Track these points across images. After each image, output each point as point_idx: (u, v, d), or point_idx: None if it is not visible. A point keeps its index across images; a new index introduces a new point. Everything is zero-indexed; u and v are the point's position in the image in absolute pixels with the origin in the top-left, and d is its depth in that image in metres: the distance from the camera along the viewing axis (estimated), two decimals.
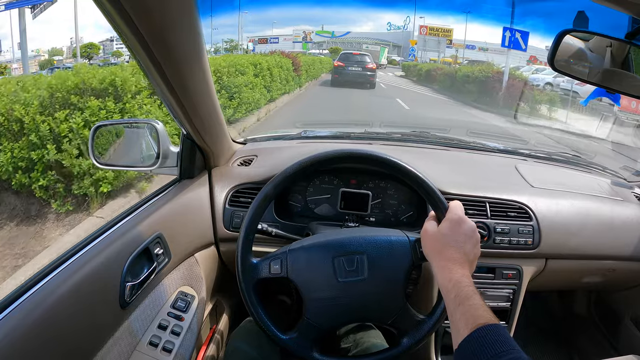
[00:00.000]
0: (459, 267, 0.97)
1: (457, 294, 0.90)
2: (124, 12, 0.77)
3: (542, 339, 2.24)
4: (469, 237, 1.03)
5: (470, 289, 0.90)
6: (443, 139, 2.06)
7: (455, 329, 0.86)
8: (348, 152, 1.22)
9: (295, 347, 1.13)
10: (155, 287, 1.28)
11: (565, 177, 1.79)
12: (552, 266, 1.55)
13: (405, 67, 26.11)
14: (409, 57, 28.12)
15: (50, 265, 1.01)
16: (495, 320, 0.81)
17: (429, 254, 1.05)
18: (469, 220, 1.05)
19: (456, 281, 0.93)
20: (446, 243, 1.01)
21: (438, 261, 1.01)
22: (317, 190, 1.60)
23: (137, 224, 1.23)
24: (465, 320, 0.83)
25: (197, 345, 1.45)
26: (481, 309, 0.84)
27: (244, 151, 1.74)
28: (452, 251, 1.00)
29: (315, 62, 19.57)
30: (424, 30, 26.74)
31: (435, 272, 1.00)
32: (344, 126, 2.41)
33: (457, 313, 0.87)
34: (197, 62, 1.06)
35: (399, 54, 29.67)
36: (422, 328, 1.14)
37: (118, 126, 1.61)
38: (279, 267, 1.14)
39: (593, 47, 1.26)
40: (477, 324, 0.80)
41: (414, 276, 1.34)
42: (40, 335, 0.88)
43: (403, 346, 1.15)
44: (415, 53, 27.91)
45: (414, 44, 28.24)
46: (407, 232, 1.18)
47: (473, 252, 1.03)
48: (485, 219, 1.48)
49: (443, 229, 1.04)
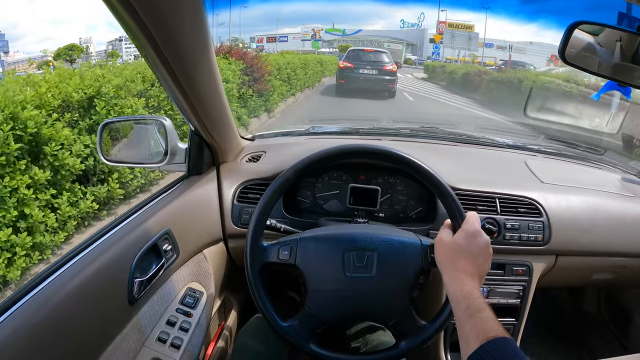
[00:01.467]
0: (470, 279, 0.96)
1: (469, 306, 0.89)
2: (131, 8, 0.77)
3: (551, 337, 2.22)
4: (482, 251, 1.02)
5: (481, 301, 0.89)
6: (452, 134, 2.05)
7: (465, 341, 0.85)
8: (371, 148, 1.21)
9: (292, 336, 1.13)
10: (164, 283, 1.28)
11: (575, 172, 1.78)
12: (562, 263, 1.54)
13: (429, 68, 21.90)
14: (432, 56, 25.32)
15: (59, 262, 1.02)
16: (505, 334, 0.80)
17: (441, 263, 1.04)
18: (485, 234, 1.04)
19: (467, 292, 0.92)
20: (460, 254, 1.01)
21: (450, 271, 1.00)
22: (325, 186, 1.59)
23: (145, 220, 1.24)
24: (476, 333, 0.82)
25: (206, 342, 1.46)
26: (492, 322, 0.84)
27: (252, 147, 1.75)
28: (465, 263, 0.99)
29: (310, 63, 14.17)
30: (443, 26, 24.75)
31: (447, 282, 1.00)
32: (352, 122, 2.40)
33: (467, 325, 0.86)
34: (205, 58, 1.06)
35: (413, 53, 27.48)
36: (422, 334, 1.13)
37: (125, 123, 1.61)
38: (288, 254, 1.14)
39: (602, 41, 1.26)
40: (487, 336, 0.79)
41: (421, 281, 1.33)
42: (49, 330, 0.89)
43: (400, 349, 1.14)
44: (439, 51, 25.05)
45: (438, 40, 25.25)
46: (420, 236, 1.17)
47: (484, 266, 1.02)
48: (495, 215, 1.47)
49: (458, 239, 1.04)
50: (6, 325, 0.83)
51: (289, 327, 1.13)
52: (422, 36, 27.48)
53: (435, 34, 25.61)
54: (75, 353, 0.95)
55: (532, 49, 22.14)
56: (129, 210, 1.30)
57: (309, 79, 13.68)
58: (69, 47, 22.98)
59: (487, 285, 1.51)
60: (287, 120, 9.99)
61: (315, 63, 14.85)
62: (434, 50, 25.30)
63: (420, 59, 25.82)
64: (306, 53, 20.23)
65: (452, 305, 0.95)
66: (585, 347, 2.15)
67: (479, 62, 22.77)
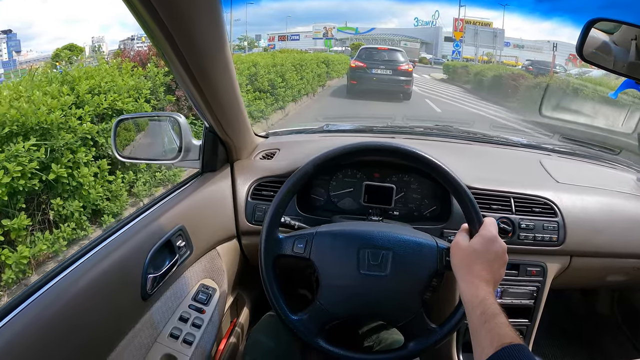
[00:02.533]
0: (485, 285, 0.96)
1: (484, 311, 0.89)
2: (148, 4, 0.77)
3: (563, 338, 2.20)
4: (498, 257, 1.01)
5: (496, 307, 0.89)
6: (466, 132, 2.04)
7: (479, 346, 0.85)
8: (393, 147, 1.20)
9: (301, 330, 1.13)
10: (177, 279, 1.29)
11: (590, 172, 1.77)
12: (577, 264, 1.52)
13: (449, 68, 20.14)
14: (452, 55, 23.99)
15: (72, 257, 1.03)
16: (520, 341, 0.80)
17: (456, 267, 1.04)
18: (501, 240, 1.04)
19: (482, 298, 0.92)
20: (476, 259, 1.00)
21: (466, 276, 1.00)
22: (340, 183, 1.59)
23: (159, 216, 1.24)
24: (490, 339, 0.82)
25: (218, 338, 1.46)
26: (507, 328, 0.83)
27: (266, 144, 1.75)
28: (481, 268, 0.99)
29: (309, 63, 11.95)
30: (459, 23, 23.40)
31: (461, 287, 0.99)
32: (367, 120, 2.40)
33: (482, 330, 0.86)
34: (220, 54, 1.06)
35: (428, 52, 26.13)
36: (431, 337, 1.12)
37: (140, 119, 1.62)
38: (303, 247, 1.14)
39: (618, 40, 1.25)
40: (502, 343, 0.79)
41: (434, 283, 1.33)
42: (62, 324, 0.90)
43: (408, 350, 1.14)
44: (460, 50, 23.43)
45: (459, 38, 23.48)
46: (436, 238, 1.16)
47: (499, 273, 1.01)
48: (509, 215, 1.46)
49: (475, 244, 1.03)
50: (20, 319, 0.84)
51: (298, 320, 1.13)
52: (436, 34, 26.42)
53: (455, 31, 24.13)
54: (88, 347, 0.96)
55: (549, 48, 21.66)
56: (143, 206, 1.31)
57: (307, 84, 11.38)
58: (68, 47, 20.80)
59: (501, 285, 1.49)
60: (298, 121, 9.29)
61: (317, 63, 12.79)
62: (454, 48, 24.10)
63: (436, 58, 24.75)
64: (318, 52, 19.86)
65: (467, 310, 0.95)
66: (598, 349, 2.13)
67: (493, 62, 21.76)
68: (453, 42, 24.14)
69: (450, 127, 2.09)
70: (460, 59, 23.13)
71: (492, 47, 22.28)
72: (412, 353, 1.14)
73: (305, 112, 10.18)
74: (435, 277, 1.14)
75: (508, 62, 21.91)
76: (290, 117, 9.46)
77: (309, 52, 18.55)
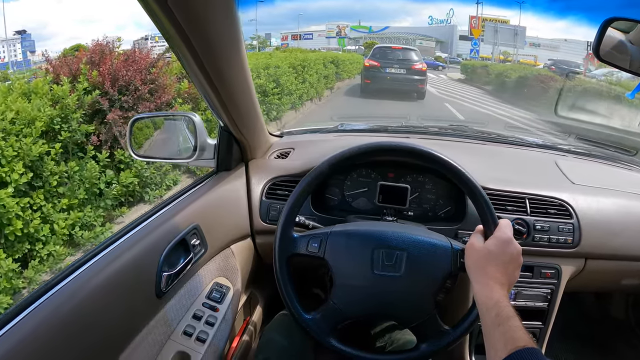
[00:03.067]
0: (499, 287, 0.95)
1: (498, 314, 0.88)
2: (164, 4, 0.78)
3: (576, 341, 2.17)
4: (513, 259, 1.01)
5: (510, 310, 0.88)
6: (481, 132, 2.03)
7: (492, 349, 0.85)
8: (409, 147, 1.19)
9: (314, 329, 1.13)
10: (191, 277, 1.30)
11: (606, 174, 1.75)
12: (592, 266, 1.50)
13: (467, 68, 19.00)
14: (470, 54, 22.82)
15: (88, 254, 1.04)
16: (534, 344, 0.80)
17: (471, 268, 1.03)
18: (516, 242, 1.03)
19: (497, 300, 0.92)
20: (491, 261, 1.00)
21: (480, 277, 0.99)
22: (354, 183, 1.59)
23: (174, 214, 1.25)
24: (504, 341, 0.82)
25: (231, 336, 1.47)
26: (520, 332, 0.83)
27: (281, 144, 1.75)
28: (495, 270, 0.98)
29: (313, 64, 10.86)
30: (476, 21, 22.70)
31: (475, 289, 0.99)
32: (381, 119, 2.39)
33: (496, 332, 0.86)
34: (236, 54, 1.07)
35: (443, 50, 25.08)
36: (444, 339, 1.12)
37: (155, 119, 1.64)
38: (317, 246, 1.14)
39: (634, 39, 1.23)
40: (516, 346, 0.79)
41: (448, 285, 1.32)
42: (77, 321, 0.91)
43: (420, 352, 1.14)
44: (478, 48, 22.41)
45: (477, 35, 22.40)
46: (451, 239, 1.16)
47: (514, 275, 1.01)
48: (524, 216, 1.45)
49: (490, 245, 1.02)
50: (34, 316, 0.85)
51: (311, 319, 1.13)
52: (451, 33, 25.89)
53: (473, 29, 23.24)
54: (102, 344, 0.97)
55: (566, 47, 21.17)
56: (158, 204, 1.32)
57: (310, 88, 10.32)
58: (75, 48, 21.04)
59: (515, 287, 1.48)
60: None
61: (323, 63, 11.91)
62: (472, 47, 22.93)
63: (451, 57, 23.84)
64: (331, 51, 19.66)
65: (481, 312, 0.95)
66: (612, 353, 2.11)
67: (510, 61, 20.69)
68: (471, 40, 23.29)
69: (464, 127, 2.08)
70: (478, 57, 22.16)
71: (512, 46, 21.31)
72: (424, 354, 1.13)
73: (310, 118, 9.63)
74: (449, 278, 1.14)
75: (526, 61, 20.90)
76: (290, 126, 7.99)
77: (321, 50, 18.23)
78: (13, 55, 21.15)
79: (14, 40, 21.24)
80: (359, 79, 13.12)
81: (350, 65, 14.52)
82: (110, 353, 0.99)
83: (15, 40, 21.27)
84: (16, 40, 21.32)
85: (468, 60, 22.06)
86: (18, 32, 21.29)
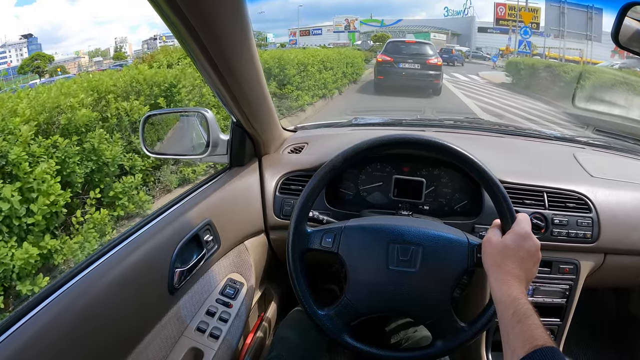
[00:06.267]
0: (517, 283, 0.93)
1: (516, 311, 0.86)
2: (172, 1, 0.77)
3: (594, 338, 2.15)
4: (531, 255, 0.98)
5: (528, 307, 0.86)
6: (497, 125, 2.00)
7: (509, 347, 0.83)
8: (424, 140, 1.17)
9: (328, 325, 1.12)
10: (204, 273, 1.30)
11: (625, 166, 1.71)
12: (611, 262, 1.47)
13: (517, 67, 14.27)
14: (520, 48, 18.59)
15: (101, 250, 1.04)
16: (552, 343, 0.78)
17: (488, 264, 1.01)
18: (535, 237, 1.01)
19: (515, 297, 0.90)
20: (508, 256, 0.98)
21: (497, 274, 0.97)
22: (369, 177, 1.57)
23: (187, 210, 1.25)
24: (522, 340, 0.80)
25: (245, 332, 1.47)
26: (539, 330, 0.81)
27: (295, 139, 1.75)
28: (513, 266, 0.96)
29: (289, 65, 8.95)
30: (502, 9, 19.94)
31: (493, 285, 0.97)
32: (396, 113, 2.38)
33: (514, 331, 0.84)
34: (246, 49, 1.06)
35: (460, 44, 22.67)
36: (460, 336, 1.10)
37: (168, 115, 1.63)
38: (331, 241, 1.13)
39: None
40: (534, 345, 0.77)
41: (464, 281, 1.30)
42: (90, 317, 0.91)
43: (436, 349, 1.12)
44: (529, 39, 18.08)
45: (529, 21, 18.08)
46: (468, 234, 1.14)
47: (532, 271, 0.99)
48: (542, 210, 1.42)
49: (507, 240, 1.00)
50: (47, 312, 0.85)
51: (324, 315, 1.12)
52: (468, 25, 24.23)
53: (524, 12, 18.78)
54: (115, 340, 0.97)
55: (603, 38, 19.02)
56: (171, 200, 1.32)
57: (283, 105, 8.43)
58: (34, 57, 18.62)
59: (533, 283, 1.46)
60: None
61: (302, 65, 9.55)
62: (522, 37, 18.36)
63: (474, 52, 21.66)
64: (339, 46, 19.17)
65: (498, 309, 0.93)
66: (630, 350, 2.08)
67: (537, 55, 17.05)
68: (520, 29, 19.13)
69: (480, 120, 2.06)
70: (530, 52, 18.39)
71: (583, 36, 16.42)
72: (439, 351, 1.12)
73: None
74: (466, 274, 1.12)
75: (573, 57, 16.38)
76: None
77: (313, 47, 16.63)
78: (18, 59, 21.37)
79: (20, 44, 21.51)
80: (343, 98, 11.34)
81: (350, 68, 12.54)
82: (123, 349, 0.99)
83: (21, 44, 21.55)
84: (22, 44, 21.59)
85: (516, 56, 17.69)
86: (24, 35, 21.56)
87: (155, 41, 24.78)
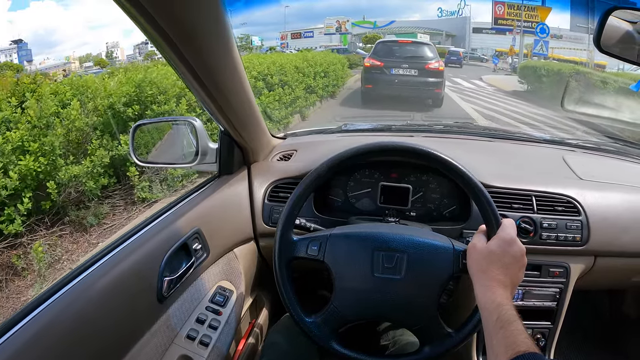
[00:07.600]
0: (502, 289, 0.94)
1: (500, 317, 0.87)
2: (148, 15, 0.77)
3: (586, 341, 2.15)
4: (516, 260, 0.99)
5: (512, 313, 0.87)
6: (487, 129, 2.01)
7: (492, 353, 0.84)
8: (405, 147, 1.18)
9: (316, 332, 1.12)
10: (194, 281, 1.30)
11: (615, 168, 1.71)
12: (602, 264, 1.48)
13: (534, 72, 12.25)
14: (536, 50, 16.62)
15: (90, 260, 1.04)
16: (535, 349, 0.78)
17: (472, 270, 1.02)
18: (520, 242, 1.01)
19: (499, 303, 0.90)
20: (493, 262, 0.98)
21: (482, 279, 0.97)
22: (357, 184, 1.58)
23: (175, 219, 1.25)
24: (505, 346, 0.81)
25: (236, 339, 1.48)
26: (522, 336, 0.82)
27: (284, 146, 1.75)
28: (498, 272, 0.96)
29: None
30: (500, 8, 18.56)
31: (478, 291, 0.97)
32: (385, 119, 2.39)
33: (497, 336, 0.85)
34: (229, 59, 1.06)
35: (455, 45, 21.37)
36: (447, 342, 1.11)
37: (157, 124, 1.63)
38: (317, 249, 1.14)
39: None
40: (517, 351, 0.78)
41: (450, 287, 1.31)
42: (79, 326, 0.91)
43: (423, 354, 1.13)
44: (547, 38, 16.06)
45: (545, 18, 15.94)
46: (453, 240, 1.15)
47: (517, 276, 0.99)
48: (531, 214, 1.43)
49: (492, 246, 1.00)
50: (37, 322, 0.85)
51: (312, 323, 1.13)
52: (463, 26, 23.23)
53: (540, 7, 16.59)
54: (105, 349, 0.97)
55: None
56: (160, 209, 1.32)
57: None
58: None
59: (523, 287, 1.46)
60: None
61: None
62: (538, 36, 16.36)
63: (471, 53, 20.18)
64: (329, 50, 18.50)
65: (482, 315, 0.93)
66: (623, 353, 2.08)
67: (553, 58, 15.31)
68: (536, 26, 17.13)
69: (469, 124, 2.07)
70: (546, 54, 16.38)
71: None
72: (427, 357, 1.13)
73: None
74: (451, 280, 1.12)
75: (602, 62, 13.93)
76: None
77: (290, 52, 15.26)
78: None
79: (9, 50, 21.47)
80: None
81: (304, 82, 8.51)
82: (113, 357, 1.00)
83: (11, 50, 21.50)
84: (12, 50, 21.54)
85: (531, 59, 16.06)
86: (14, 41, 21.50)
87: (147, 45, 24.58)
